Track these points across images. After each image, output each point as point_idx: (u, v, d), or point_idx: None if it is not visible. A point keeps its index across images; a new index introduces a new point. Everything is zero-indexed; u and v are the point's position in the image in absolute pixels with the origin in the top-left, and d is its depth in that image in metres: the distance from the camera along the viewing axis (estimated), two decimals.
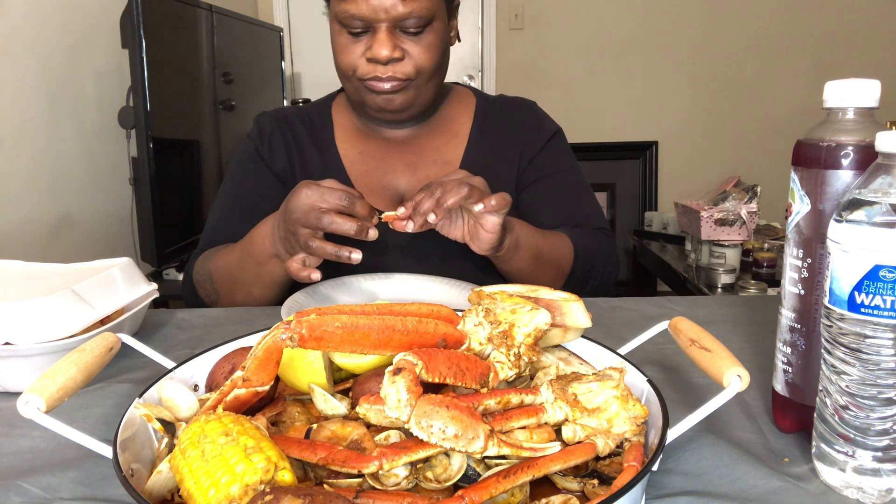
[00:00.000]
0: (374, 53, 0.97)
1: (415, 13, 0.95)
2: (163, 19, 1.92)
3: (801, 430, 0.60)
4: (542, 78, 3.66)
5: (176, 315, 0.96)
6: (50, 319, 0.72)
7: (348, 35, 0.99)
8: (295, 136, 1.14)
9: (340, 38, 1.00)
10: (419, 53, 0.99)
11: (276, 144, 1.13)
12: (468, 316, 0.56)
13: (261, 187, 1.11)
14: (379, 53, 0.96)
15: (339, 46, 1.01)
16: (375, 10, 0.94)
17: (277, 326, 0.48)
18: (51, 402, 0.50)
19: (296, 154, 1.12)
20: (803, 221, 0.55)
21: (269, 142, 1.13)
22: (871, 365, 0.48)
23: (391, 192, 1.10)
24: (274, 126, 1.14)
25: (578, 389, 0.51)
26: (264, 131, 1.14)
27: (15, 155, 1.68)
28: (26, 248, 1.69)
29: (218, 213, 1.13)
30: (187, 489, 0.43)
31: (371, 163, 1.12)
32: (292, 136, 1.13)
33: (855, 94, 0.53)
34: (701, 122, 3.71)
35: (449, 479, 0.47)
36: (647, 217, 3.38)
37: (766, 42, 3.61)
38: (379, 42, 0.96)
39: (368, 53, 0.98)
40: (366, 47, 0.98)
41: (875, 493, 0.50)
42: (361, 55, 0.99)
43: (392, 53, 0.96)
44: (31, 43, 1.74)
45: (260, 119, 1.17)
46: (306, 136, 1.14)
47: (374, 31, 0.97)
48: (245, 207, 1.09)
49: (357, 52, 0.99)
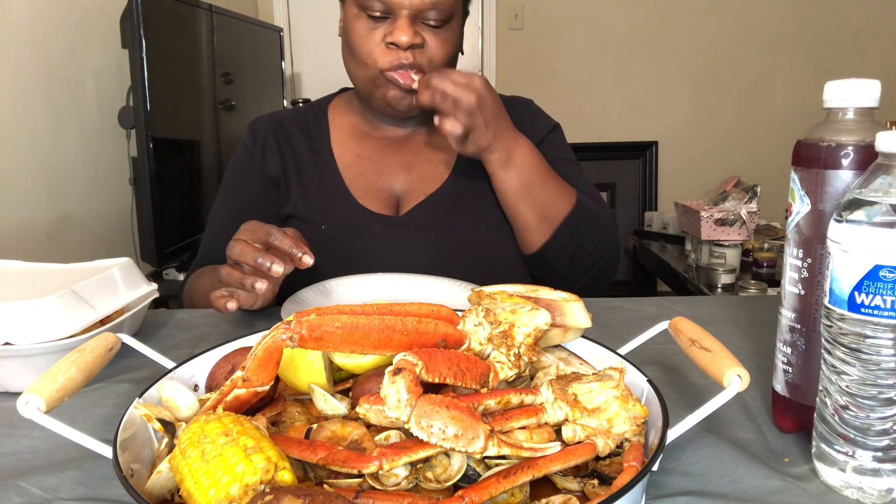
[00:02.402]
0: (395, 38, 0.96)
1: (439, 5, 0.96)
2: (163, 19, 1.92)
3: (801, 430, 0.60)
4: (542, 78, 3.66)
5: (176, 315, 0.96)
6: (50, 319, 0.72)
7: (367, 20, 0.98)
8: (289, 141, 1.13)
9: (358, 24, 1.00)
10: (437, 46, 0.99)
11: (270, 150, 1.13)
12: (468, 316, 0.56)
13: (254, 199, 1.12)
14: (400, 39, 0.96)
15: (357, 33, 1.00)
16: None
17: (277, 326, 0.48)
18: (51, 402, 0.50)
19: (290, 158, 1.12)
20: (803, 221, 0.55)
21: (263, 147, 1.13)
22: (871, 365, 0.48)
23: (387, 194, 1.10)
24: (268, 131, 1.14)
25: (578, 389, 0.51)
26: (258, 137, 1.14)
27: (15, 155, 1.68)
28: (26, 248, 1.69)
29: (213, 227, 1.14)
30: (187, 489, 0.43)
31: (367, 165, 1.11)
32: (287, 141, 1.13)
33: (855, 94, 0.53)
34: (701, 122, 3.71)
35: (449, 479, 0.47)
36: (647, 217, 3.38)
37: (766, 42, 3.61)
38: (400, 28, 0.96)
39: (389, 38, 0.97)
40: (384, 33, 0.98)
41: (875, 493, 0.50)
42: (380, 42, 0.99)
43: (413, 39, 0.96)
44: (31, 43, 1.74)
45: (254, 125, 1.17)
46: (302, 140, 1.13)
47: (395, 18, 0.97)
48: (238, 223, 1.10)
49: (376, 38, 0.99)
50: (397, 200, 1.10)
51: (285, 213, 1.11)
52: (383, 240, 1.07)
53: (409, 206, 1.09)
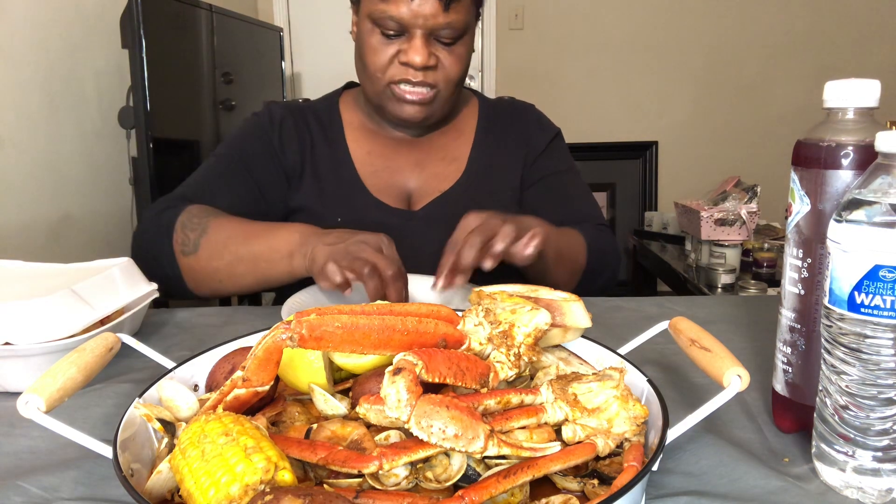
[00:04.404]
0: (409, 59, 0.96)
1: (453, 24, 0.96)
2: (163, 19, 1.92)
3: (801, 430, 0.60)
4: (543, 78, 3.66)
5: (176, 315, 0.96)
6: (50, 319, 0.72)
7: (381, 36, 0.98)
8: (309, 131, 1.12)
9: (371, 39, 0.99)
10: (451, 64, 0.99)
11: (289, 137, 1.10)
12: (468, 316, 0.56)
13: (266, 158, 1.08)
14: (414, 59, 0.96)
15: (369, 47, 1.00)
16: (416, 15, 0.94)
17: (277, 326, 0.48)
18: (51, 402, 0.50)
19: (308, 149, 1.11)
20: (803, 221, 0.55)
21: (280, 132, 1.10)
22: (871, 365, 0.48)
23: (399, 191, 1.11)
24: (287, 117, 1.12)
25: (578, 389, 0.51)
26: (275, 120, 1.11)
27: (15, 155, 1.68)
28: (26, 248, 1.69)
29: (210, 168, 1.07)
30: (187, 489, 0.43)
31: (379, 162, 1.12)
32: (306, 128, 1.12)
33: (855, 94, 0.53)
34: (701, 122, 3.71)
35: (449, 479, 0.47)
36: (647, 217, 3.38)
37: (766, 42, 3.61)
38: (415, 48, 0.96)
39: (403, 57, 0.97)
40: (397, 50, 0.98)
41: (875, 493, 0.50)
42: (392, 58, 0.98)
43: (427, 61, 0.96)
44: (31, 43, 1.74)
45: (271, 108, 1.12)
46: (319, 131, 1.12)
47: (410, 37, 0.96)
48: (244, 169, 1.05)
49: (388, 53, 0.98)
50: (409, 197, 1.11)
51: (294, 206, 1.09)
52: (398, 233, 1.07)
53: (422, 203, 1.10)
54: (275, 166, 1.10)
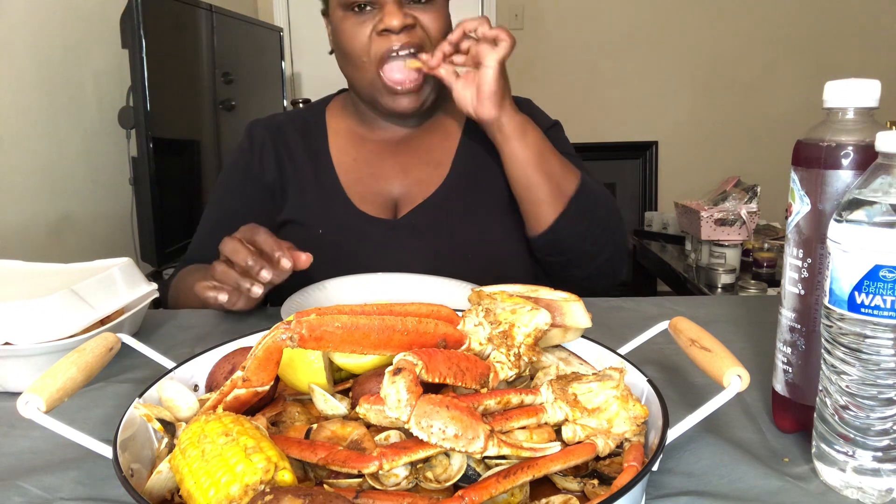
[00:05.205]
0: (386, 24, 0.97)
1: None
2: (163, 19, 1.92)
3: (801, 430, 0.60)
4: (542, 78, 3.65)
5: (176, 315, 0.96)
6: (50, 319, 0.72)
7: (354, 16, 0.99)
8: (288, 146, 1.13)
9: (345, 24, 1.00)
10: (430, 21, 1.00)
11: (267, 156, 1.12)
12: (468, 316, 0.56)
13: (247, 205, 1.11)
14: (391, 24, 0.96)
15: (346, 33, 1.00)
16: None
17: (277, 326, 0.48)
18: (51, 402, 0.50)
19: (288, 164, 1.12)
20: (803, 221, 0.55)
21: (261, 152, 1.13)
22: (871, 365, 0.48)
23: (384, 198, 1.10)
24: (265, 136, 1.14)
25: (578, 389, 0.51)
26: (255, 142, 1.14)
27: (15, 155, 1.68)
28: (26, 248, 1.68)
29: (203, 229, 1.15)
30: (187, 489, 0.43)
31: (364, 169, 1.11)
32: (285, 146, 1.13)
33: (855, 94, 0.53)
34: (701, 122, 3.71)
35: (449, 479, 0.47)
36: (647, 217, 3.38)
37: (766, 42, 3.61)
38: (389, 13, 0.97)
39: (380, 25, 0.98)
40: (374, 24, 0.98)
41: (875, 493, 0.50)
42: (370, 34, 0.99)
43: (404, 20, 0.97)
44: (31, 43, 1.74)
45: (251, 129, 1.16)
46: (300, 144, 1.13)
47: (382, 6, 0.98)
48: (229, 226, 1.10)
49: (365, 31, 0.99)
50: (395, 204, 1.10)
51: (281, 220, 1.11)
52: (381, 243, 1.06)
53: (406, 210, 1.09)
54: (257, 191, 1.12)
